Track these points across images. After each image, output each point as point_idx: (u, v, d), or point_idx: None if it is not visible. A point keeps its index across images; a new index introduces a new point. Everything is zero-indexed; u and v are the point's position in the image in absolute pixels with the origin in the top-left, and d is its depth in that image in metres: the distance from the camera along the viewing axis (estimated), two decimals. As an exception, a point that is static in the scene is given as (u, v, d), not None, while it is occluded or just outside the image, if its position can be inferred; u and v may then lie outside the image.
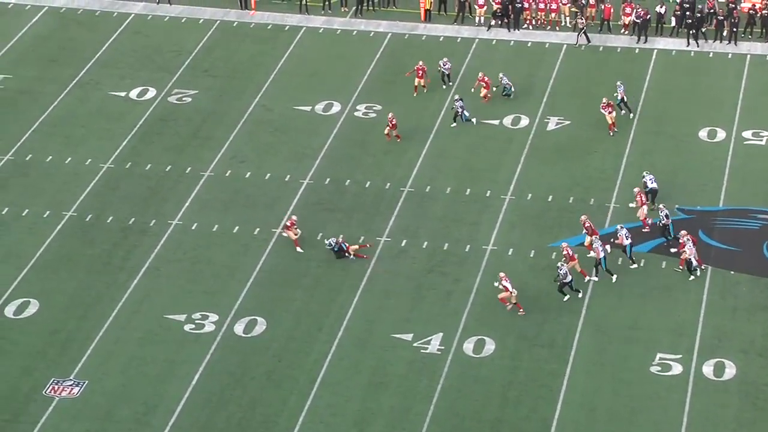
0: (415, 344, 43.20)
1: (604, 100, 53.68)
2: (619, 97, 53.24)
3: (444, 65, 56.89)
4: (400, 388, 41.47)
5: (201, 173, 51.99)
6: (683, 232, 46.04)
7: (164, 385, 41.76)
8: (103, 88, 57.72)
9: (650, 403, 40.63)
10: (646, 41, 59.71)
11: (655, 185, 48.69)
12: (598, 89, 56.21)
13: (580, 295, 45.03)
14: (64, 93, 57.25)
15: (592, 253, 45.74)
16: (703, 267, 45.24)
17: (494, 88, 55.63)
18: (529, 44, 60.34)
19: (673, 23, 60.30)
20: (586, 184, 50.81)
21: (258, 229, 48.88)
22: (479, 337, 43.45)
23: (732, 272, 46.04)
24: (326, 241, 46.95)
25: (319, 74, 58.36)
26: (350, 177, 51.58)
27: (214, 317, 44.52)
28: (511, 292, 43.98)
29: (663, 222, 47.07)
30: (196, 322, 44.35)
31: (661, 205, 47.59)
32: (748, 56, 58.78)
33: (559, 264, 44.94)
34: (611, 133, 53.40)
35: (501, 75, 55.95)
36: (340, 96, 56.62)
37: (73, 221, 49.42)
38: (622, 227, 46.30)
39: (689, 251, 45.35)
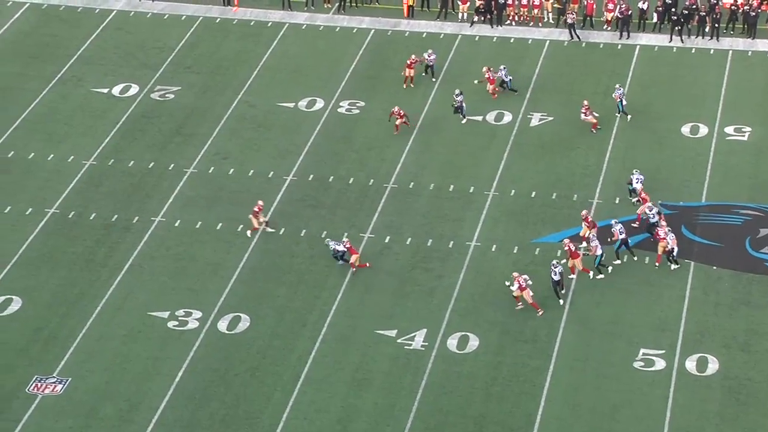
0: (398, 340, 43.16)
1: (585, 103, 53.30)
2: (617, 100, 52.32)
3: (429, 56, 56.68)
4: (384, 385, 41.36)
5: (184, 170, 51.85)
6: (663, 223, 46.02)
7: (148, 382, 41.64)
8: (85, 84, 57.59)
9: (633, 398, 40.55)
10: (628, 37, 59.63)
11: (639, 185, 48.48)
12: (582, 85, 56.44)
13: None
14: (47, 90, 57.15)
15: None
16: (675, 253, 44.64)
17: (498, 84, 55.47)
18: (512, 40, 60.19)
19: (655, 19, 60.20)
20: (569, 180, 50.73)
21: (241, 226, 48.76)
22: (463, 333, 43.42)
23: (714, 267, 46.04)
24: (330, 244, 45.82)
25: (302, 70, 58.25)
26: (334, 173, 51.48)
27: (197, 314, 44.46)
28: (524, 290, 43.56)
29: (652, 220, 46.62)
30: (180, 319, 44.25)
31: (651, 204, 47.38)
32: (730, 52, 58.77)
33: (554, 262, 44.53)
34: (594, 131, 53.25)
35: (501, 67, 55.65)
36: (324, 92, 56.52)
37: (55, 218, 49.29)
38: (617, 222, 46.13)
39: (671, 241, 45.30)
